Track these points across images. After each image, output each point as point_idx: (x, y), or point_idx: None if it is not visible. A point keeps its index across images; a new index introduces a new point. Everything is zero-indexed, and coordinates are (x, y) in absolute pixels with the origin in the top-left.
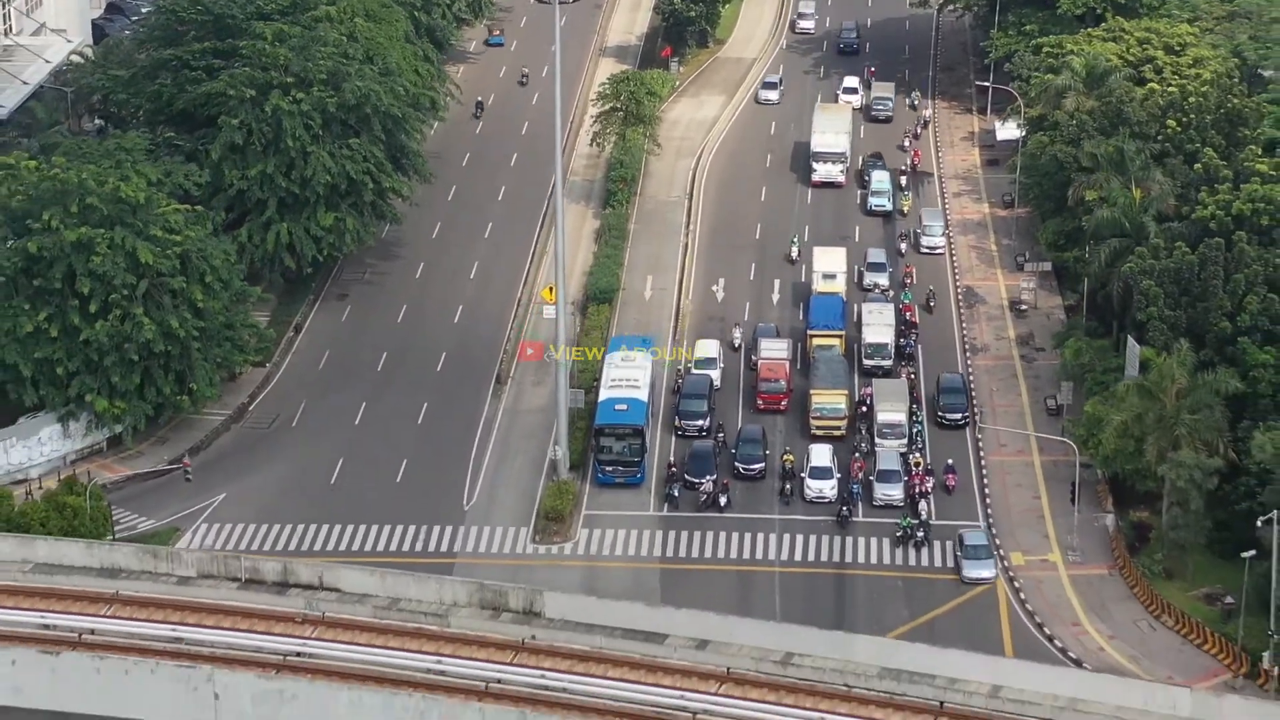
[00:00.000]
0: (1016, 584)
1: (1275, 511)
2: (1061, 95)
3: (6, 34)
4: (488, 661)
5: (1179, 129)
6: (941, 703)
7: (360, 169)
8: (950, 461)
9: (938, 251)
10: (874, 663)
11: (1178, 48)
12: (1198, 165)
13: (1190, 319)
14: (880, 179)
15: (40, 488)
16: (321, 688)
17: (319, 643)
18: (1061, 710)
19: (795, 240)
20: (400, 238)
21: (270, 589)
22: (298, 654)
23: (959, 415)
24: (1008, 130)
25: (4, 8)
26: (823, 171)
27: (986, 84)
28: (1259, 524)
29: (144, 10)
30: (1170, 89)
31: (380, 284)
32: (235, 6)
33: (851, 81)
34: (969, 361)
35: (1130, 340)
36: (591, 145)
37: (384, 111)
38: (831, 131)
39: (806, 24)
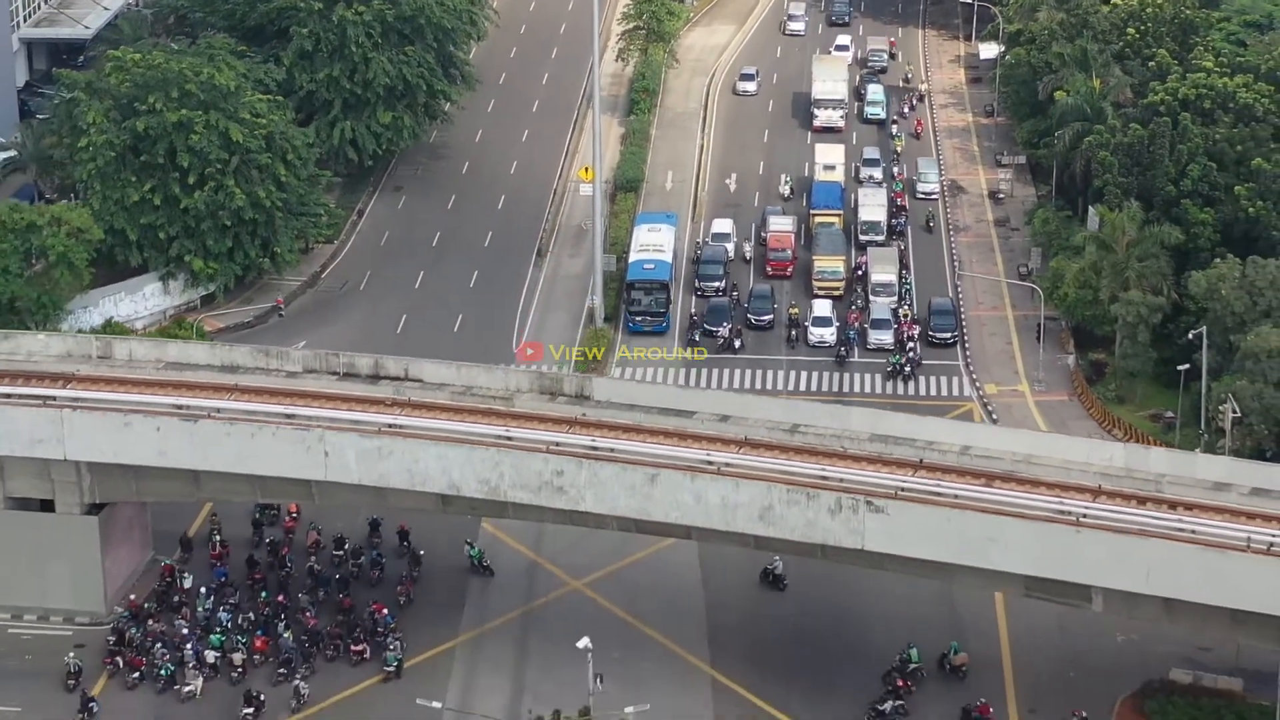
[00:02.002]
0: (989, 408)
1: (1204, 328)
2: (1035, 9)
3: None
4: (547, 432)
5: (1137, 36)
6: (921, 459)
7: (415, 73)
8: None
9: (932, 197)
10: (866, 430)
11: None
12: (1151, 64)
13: (1140, 185)
14: (875, 91)
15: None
16: (413, 445)
17: (407, 418)
18: (1019, 463)
19: (789, 180)
20: (447, 141)
21: (364, 380)
22: (390, 425)
23: (948, 334)
24: (989, 50)
25: None
26: (823, 117)
27: (970, 1)
28: (1190, 335)
29: None
30: (1130, 1)
31: (430, 179)
32: None
33: (844, 39)
34: (954, 253)
35: (1090, 208)
36: (617, 61)
37: (436, 23)
38: (831, 80)
39: (797, 25)
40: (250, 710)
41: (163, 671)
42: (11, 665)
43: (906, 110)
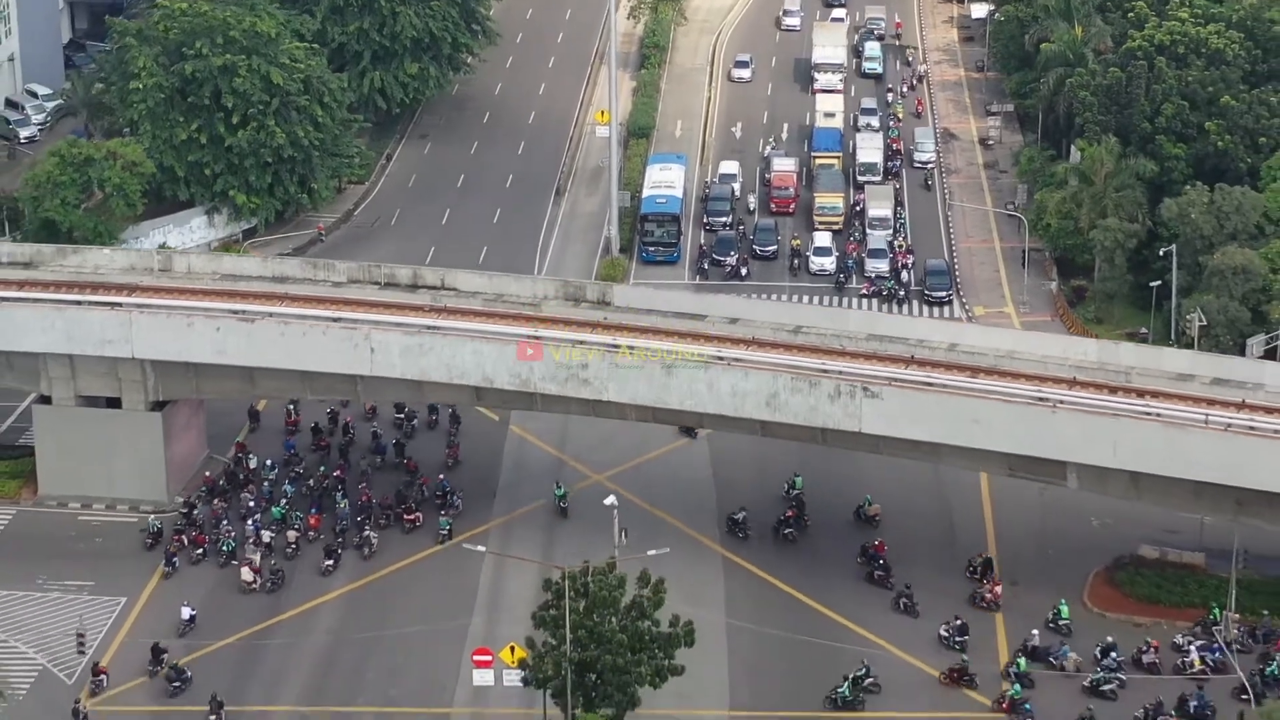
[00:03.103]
0: None
1: (1174, 246)
2: None
3: None
4: (572, 333)
5: None
6: (912, 355)
7: (439, 26)
8: None
9: (929, 166)
10: (862, 330)
11: None
12: (1130, 14)
13: (1118, 122)
14: (872, 48)
15: None
16: (451, 341)
17: (445, 321)
18: (1002, 358)
19: (771, 142)
20: (469, 93)
21: (404, 289)
22: (430, 327)
23: (944, 293)
24: (980, 9)
25: None
26: (823, 81)
27: None
28: (1160, 253)
29: None
30: None
31: (454, 128)
32: None
33: (839, 13)
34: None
35: (1072, 146)
36: (629, 19)
37: None
38: (830, 45)
39: (792, 20)
40: (330, 563)
41: (224, 548)
42: (83, 547)
43: (906, 90)
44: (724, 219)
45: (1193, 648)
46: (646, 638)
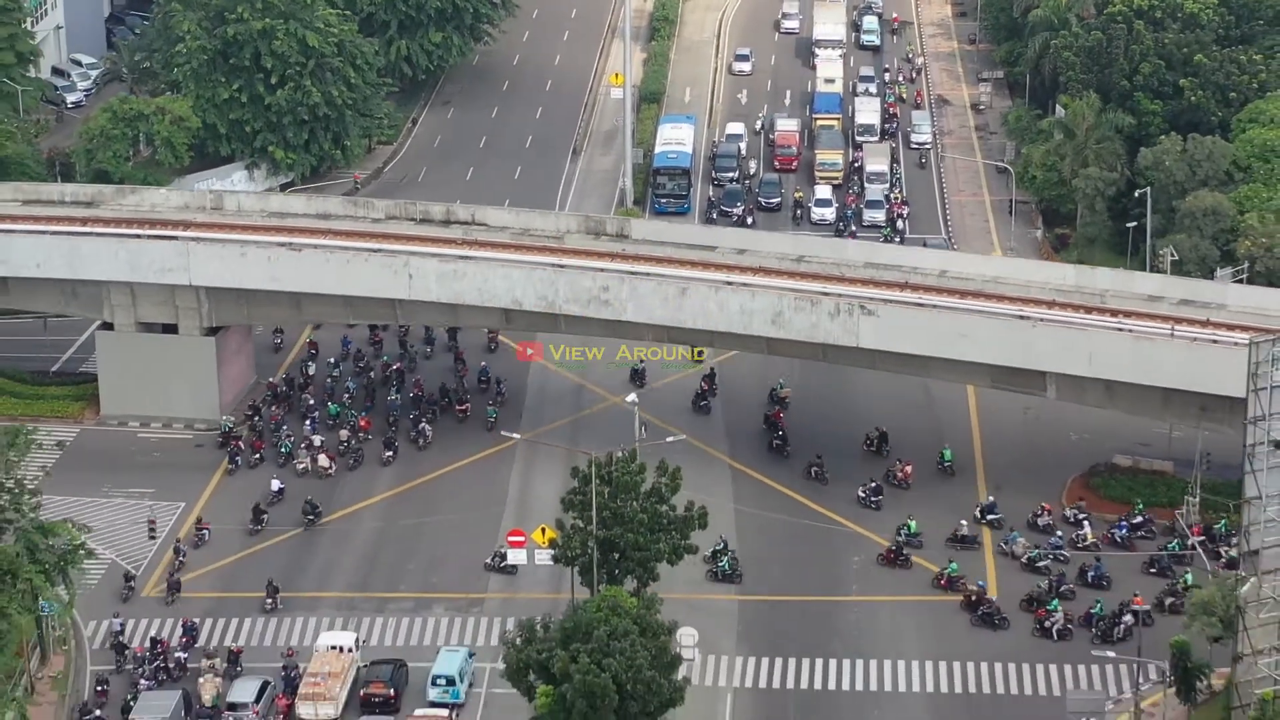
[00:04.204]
0: None
1: (1149, 189)
2: None
3: None
4: (594, 261)
5: None
6: (906, 280)
7: None
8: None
9: (926, 147)
10: (860, 260)
11: None
12: None
13: (1099, 81)
14: (870, 21)
15: None
16: (483, 266)
17: (476, 252)
18: (988, 282)
19: (761, 118)
20: (489, 64)
21: (438, 224)
22: (463, 257)
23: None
24: None
25: None
26: (823, 56)
27: None
28: (1135, 194)
29: None
30: None
31: (475, 95)
32: None
33: None
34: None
35: (1057, 105)
36: None
37: None
38: (830, 23)
39: (791, 24)
40: (390, 454)
41: (283, 449)
42: (142, 460)
43: (905, 81)
44: (731, 174)
45: (1085, 523)
46: (665, 520)
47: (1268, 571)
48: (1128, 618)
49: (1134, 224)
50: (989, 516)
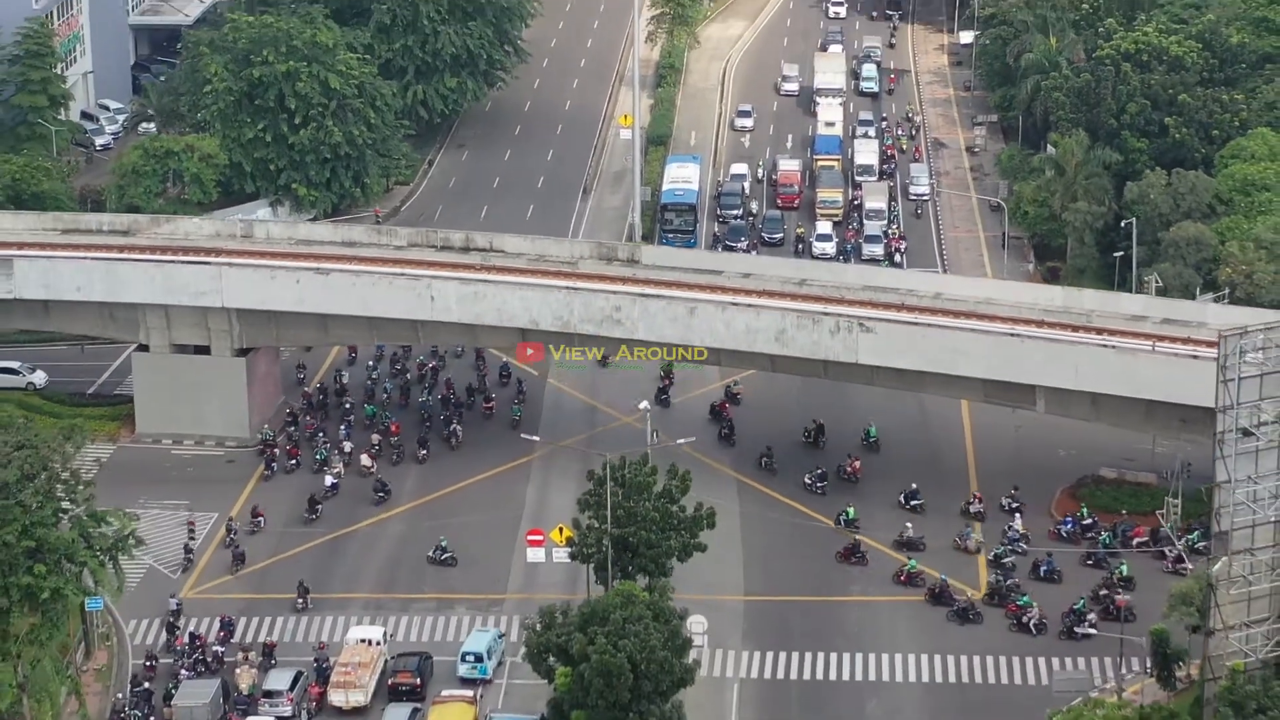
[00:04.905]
0: None
1: (1134, 219)
2: None
3: None
4: (606, 284)
5: (1091, 10)
6: (903, 302)
7: (476, 44)
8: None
9: (924, 199)
10: (859, 282)
11: None
12: (1101, 29)
13: (1088, 120)
14: (869, 69)
15: None
16: (501, 288)
17: (494, 276)
18: (979, 304)
19: (761, 164)
20: (502, 110)
21: (457, 251)
22: (482, 280)
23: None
24: (967, 36)
25: None
26: (824, 103)
27: None
28: (1122, 225)
29: None
30: None
31: (488, 138)
32: None
33: (836, 48)
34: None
35: (1049, 144)
36: (646, 43)
37: (495, 2)
38: (831, 72)
39: (791, 86)
40: (424, 452)
41: (318, 455)
42: (176, 475)
43: (905, 139)
44: (735, 212)
45: (1016, 514)
46: (675, 520)
47: (1237, 551)
48: (1092, 616)
49: (1119, 254)
50: (912, 502)
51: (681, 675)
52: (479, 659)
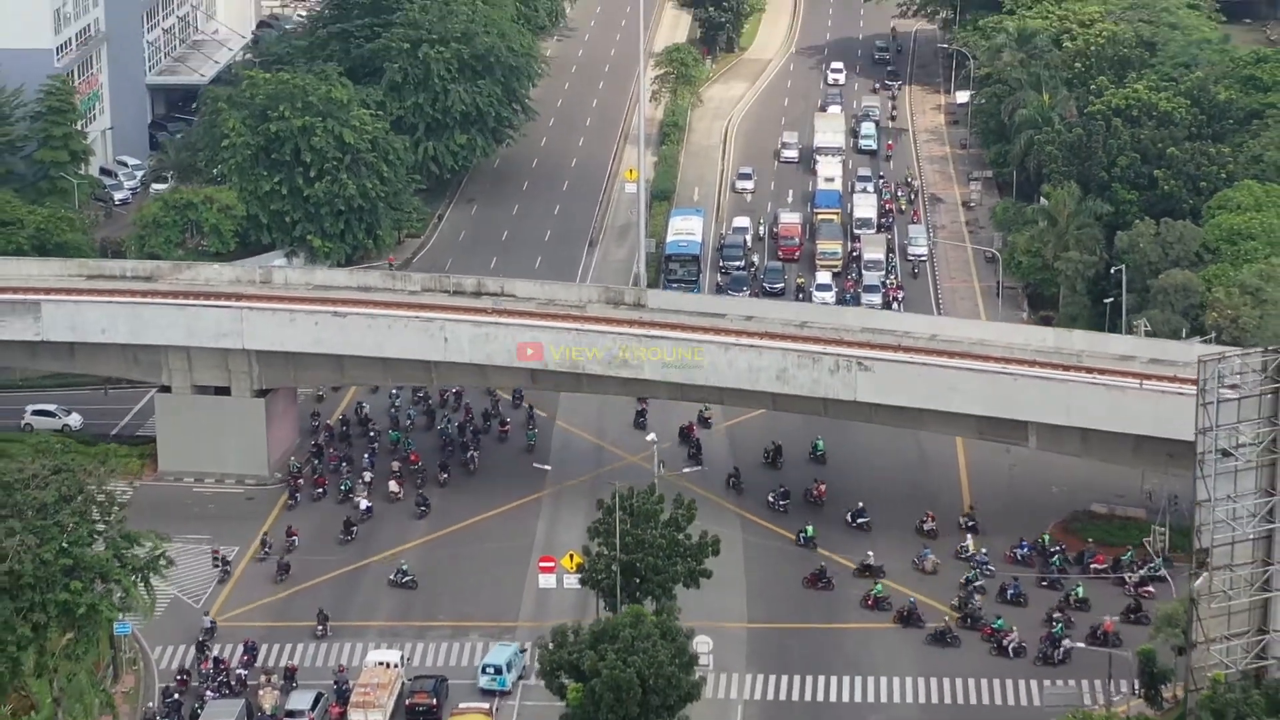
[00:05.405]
0: None
1: (1123, 266)
2: (999, 51)
3: (196, 32)
4: (613, 327)
5: (1083, 69)
6: (899, 343)
7: (486, 102)
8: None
9: (921, 259)
10: (857, 324)
11: (1088, 21)
12: (1093, 86)
13: (1080, 172)
14: (867, 128)
15: None
16: (512, 329)
17: (505, 319)
18: (974, 345)
19: (763, 219)
20: (510, 167)
21: (469, 295)
22: (493, 323)
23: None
24: (963, 96)
25: (194, 12)
26: (824, 160)
27: (945, 45)
28: (1112, 272)
29: (288, 26)
30: (1079, 43)
31: (497, 194)
32: None
33: (835, 108)
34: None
35: (1041, 197)
36: (650, 101)
37: (504, 62)
38: (830, 131)
39: (790, 154)
40: (445, 475)
41: (342, 486)
42: (197, 510)
43: (905, 202)
44: (737, 263)
45: (969, 535)
46: (681, 547)
47: (1217, 567)
48: (1066, 641)
49: (1110, 300)
50: (859, 520)
51: (688, 690)
52: (499, 671)
